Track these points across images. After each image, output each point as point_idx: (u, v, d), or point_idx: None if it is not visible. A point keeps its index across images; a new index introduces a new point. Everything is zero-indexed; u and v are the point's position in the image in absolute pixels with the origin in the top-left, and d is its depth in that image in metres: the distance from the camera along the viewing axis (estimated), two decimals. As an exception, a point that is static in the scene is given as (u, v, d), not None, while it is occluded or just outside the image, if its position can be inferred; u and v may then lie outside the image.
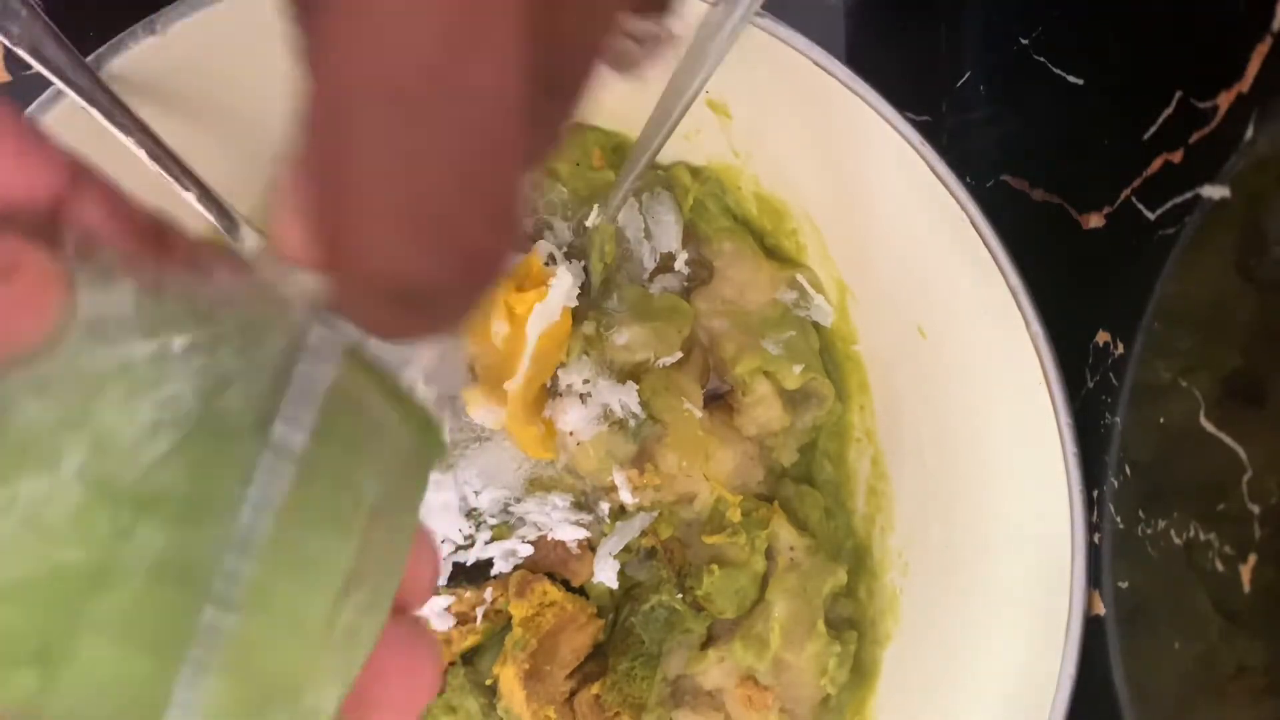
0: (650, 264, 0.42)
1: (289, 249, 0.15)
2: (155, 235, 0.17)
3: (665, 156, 0.39)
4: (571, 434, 0.40)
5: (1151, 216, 0.33)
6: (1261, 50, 0.28)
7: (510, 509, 0.41)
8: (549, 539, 0.41)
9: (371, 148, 0.14)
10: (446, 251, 0.14)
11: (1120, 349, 0.34)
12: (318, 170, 0.14)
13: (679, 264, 0.41)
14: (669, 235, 0.41)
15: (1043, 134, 0.40)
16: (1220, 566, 0.32)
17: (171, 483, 0.14)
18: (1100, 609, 0.36)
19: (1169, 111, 0.32)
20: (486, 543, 0.41)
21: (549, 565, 0.42)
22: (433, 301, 0.15)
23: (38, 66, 0.32)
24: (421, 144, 0.14)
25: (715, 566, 0.41)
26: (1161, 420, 0.34)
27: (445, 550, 0.41)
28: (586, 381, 0.40)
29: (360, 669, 0.16)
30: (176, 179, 0.34)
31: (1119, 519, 0.35)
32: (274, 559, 0.15)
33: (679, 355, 0.41)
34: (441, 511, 0.41)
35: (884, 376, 0.41)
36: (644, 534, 0.41)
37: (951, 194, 0.35)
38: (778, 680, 0.41)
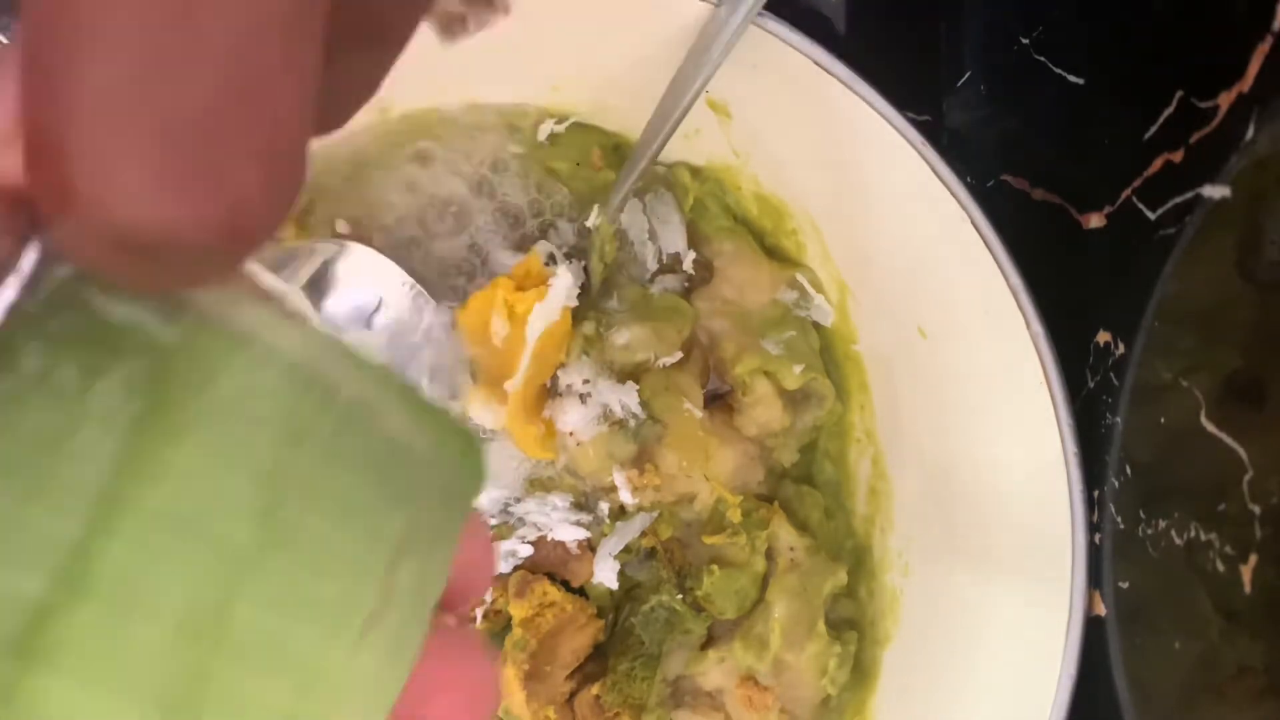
0: (653, 265, 0.42)
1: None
2: None
3: (665, 156, 0.39)
4: (571, 434, 0.40)
5: (1151, 216, 0.33)
6: (1262, 50, 0.28)
7: (510, 509, 0.41)
8: (549, 539, 0.41)
9: (110, 47, 0.11)
10: (202, 199, 0.11)
11: (1120, 349, 0.34)
12: (37, 78, 0.11)
13: (686, 264, 0.41)
14: (675, 236, 0.41)
15: (1043, 134, 0.40)
16: (1221, 567, 0.32)
17: None
18: (1100, 609, 0.36)
19: (1169, 111, 0.32)
20: (486, 543, 0.41)
21: (549, 566, 0.42)
22: (178, 259, 0.12)
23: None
24: (179, 48, 0.11)
25: (715, 567, 0.41)
26: (1162, 420, 0.34)
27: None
28: (586, 381, 0.40)
29: (389, 709, 0.15)
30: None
31: (1119, 519, 0.35)
32: (268, 600, 0.14)
33: (679, 355, 0.41)
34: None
35: (884, 376, 0.41)
36: (644, 534, 0.41)
37: (951, 194, 0.35)
38: (778, 681, 0.41)
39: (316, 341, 0.15)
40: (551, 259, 0.40)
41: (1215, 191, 0.29)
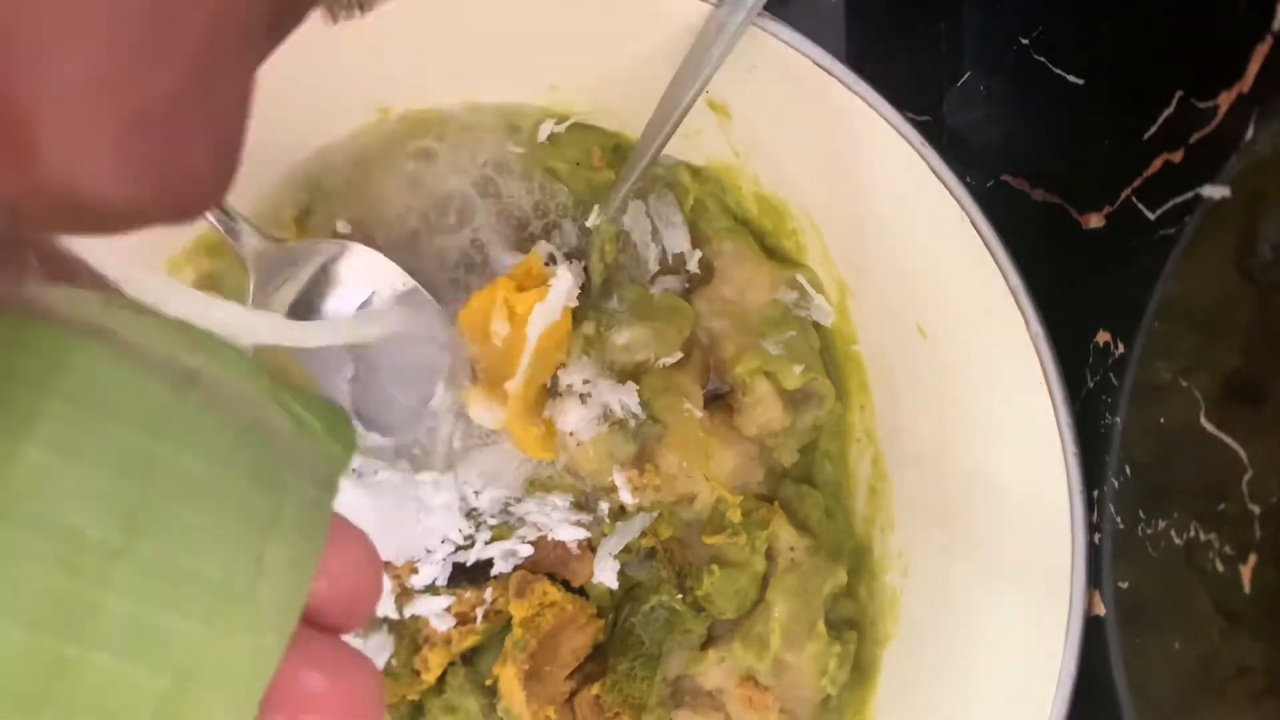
0: (655, 266, 0.42)
1: None
2: None
3: (665, 156, 0.39)
4: (571, 434, 0.40)
5: (1151, 216, 0.33)
6: (1261, 50, 0.28)
7: (510, 509, 0.41)
8: (549, 539, 0.41)
9: (89, 36, 0.11)
10: (160, 177, 0.12)
11: (1120, 349, 0.34)
12: (16, 50, 0.11)
13: (692, 264, 0.41)
14: (679, 236, 0.41)
15: (1043, 134, 0.40)
16: (1220, 567, 0.32)
17: None
18: (1100, 609, 0.36)
19: (1169, 111, 0.32)
20: (486, 543, 0.41)
21: (549, 565, 0.42)
22: (120, 222, 0.13)
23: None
24: (152, 41, 0.11)
25: (715, 567, 0.41)
26: (1161, 420, 0.34)
27: (445, 550, 0.41)
28: (586, 381, 0.40)
29: (260, 694, 0.15)
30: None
31: (1119, 519, 0.35)
32: (137, 589, 0.14)
33: (679, 355, 0.41)
34: (441, 511, 0.41)
35: (884, 376, 0.41)
36: (644, 534, 0.41)
37: (951, 194, 0.35)
38: (778, 681, 0.41)
39: (170, 330, 0.15)
40: (551, 259, 0.40)
41: (1215, 191, 0.29)
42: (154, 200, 0.12)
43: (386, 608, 0.41)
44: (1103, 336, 0.35)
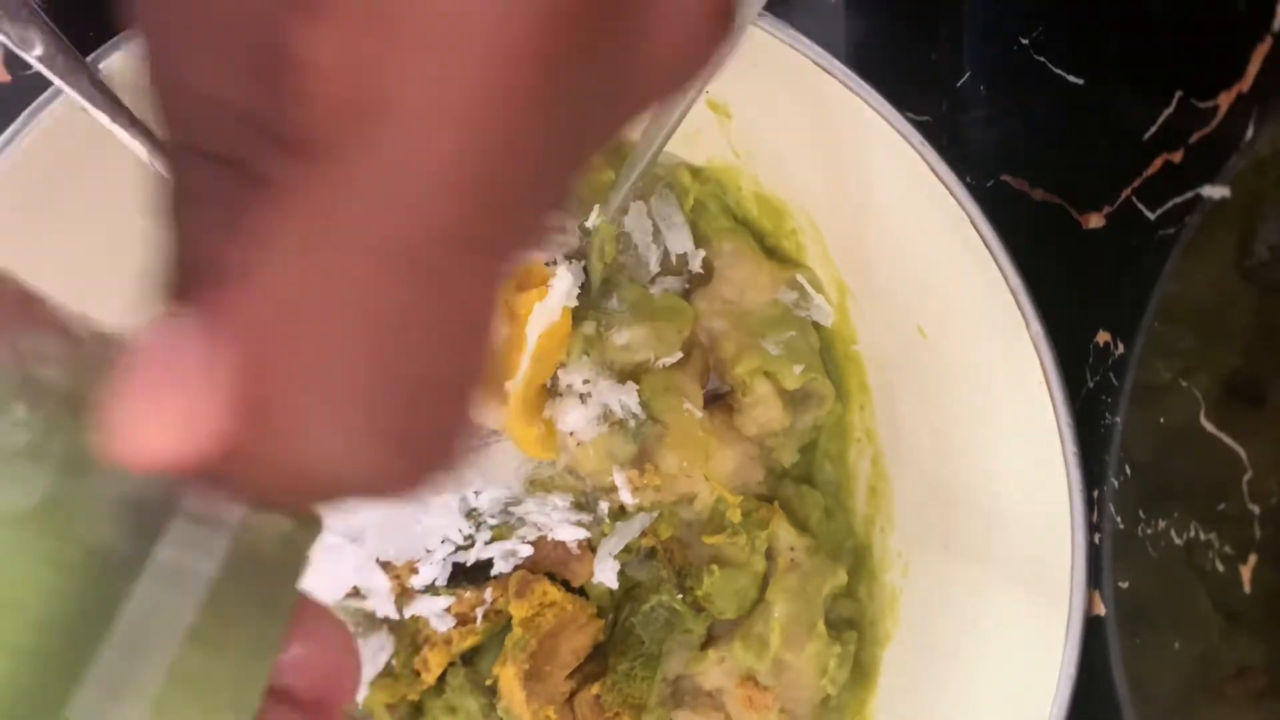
0: (655, 267, 0.42)
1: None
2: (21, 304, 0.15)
3: (665, 157, 0.39)
4: (572, 434, 0.40)
5: (1151, 216, 0.33)
6: (1261, 50, 0.28)
7: (510, 509, 0.41)
8: (549, 539, 0.41)
9: (343, 329, 0.13)
10: (412, 457, 0.14)
11: (1120, 349, 0.34)
12: (270, 329, 0.13)
13: (694, 264, 0.41)
14: (681, 237, 0.41)
15: (1043, 134, 0.40)
16: (1220, 567, 0.32)
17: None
18: (1100, 609, 0.36)
19: (1169, 111, 0.32)
20: (486, 543, 0.41)
21: (549, 565, 0.42)
22: (345, 491, 0.14)
23: (38, 66, 0.32)
24: (405, 332, 0.13)
25: (715, 567, 0.41)
26: (1161, 420, 0.34)
27: (445, 550, 0.41)
28: (586, 382, 0.40)
29: None
30: (176, 179, 0.34)
31: (1119, 519, 0.35)
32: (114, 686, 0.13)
33: (679, 355, 0.41)
34: (441, 511, 0.41)
35: (884, 376, 0.41)
36: (644, 534, 0.41)
37: (951, 194, 0.35)
38: (778, 680, 0.41)
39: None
40: (552, 259, 0.40)
41: (1215, 191, 0.29)
42: (399, 481, 0.14)
43: (386, 608, 0.41)
44: (1103, 336, 0.35)
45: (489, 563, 0.41)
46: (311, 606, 0.17)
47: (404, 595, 0.41)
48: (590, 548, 0.42)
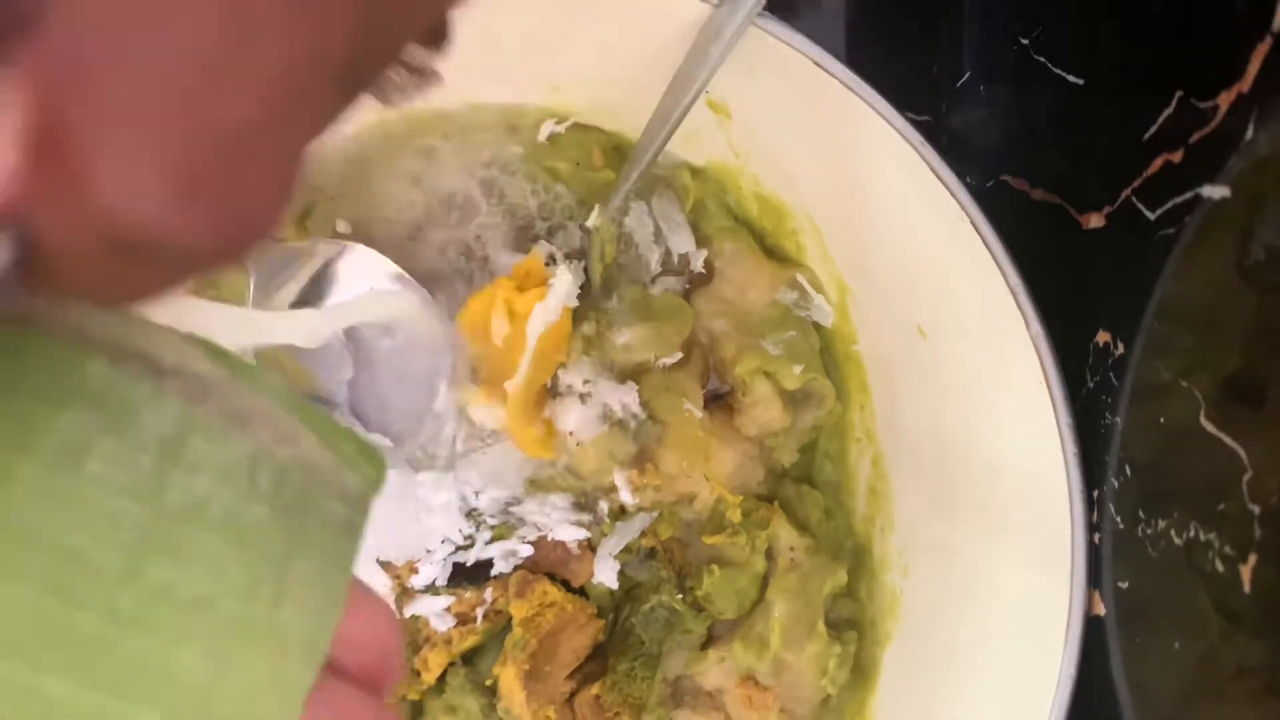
0: (656, 268, 0.42)
1: None
2: None
3: (665, 157, 0.39)
4: (572, 434, 0.40)
5: (1151, 216, 0.33)
6: (1261, 50, 0.28)
7: (510, 509, 0.41)
8: (549, 539, 0.41)
9: (162, 61, 0.11)
10: (213, 212, 0.12)
11: (1120, 349, 0.34)
12: (75, 74, 0.12)
13: (697, 264, 0.41)
14: (683, 237, 0.41)
15: (1043, 134, 0.40)
16: (1220, 566, 0.32)
17: None
18: (1100, 609, 0.36)
19: (1169, 111, 0.32)
20: (486, 543, 0.41)
21: (549, 565, 0.42)
22: (166, 263, 0.13)
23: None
24: (227, 74, 0.12)
25: (715, 567, 0.41)
26: (1161, 420, 0.34)
27: (445, 550, 0.41)
28: (587, 382, 0.40)
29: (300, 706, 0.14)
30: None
31: (1119, 519, 0.35)
32: (136, 613, 0.13)
33: (679, 355, 0.41)
34: (441, 511, 0.41)
35: (884, 376, 0.41)
36: (644, 534, 0.41)
37: (951, 194, 0.35)
38: (778, 680, 0.41)
39: (183, 342, 0.15)
40: (551, 259, 0.40)
41: (1215, 191, 0.29)
42: (205, 234, 0.12)
43: (386, 608, 0.41)
44: (1103, 336, 0.35)
45: (489, 563, 0.41)
46: (359, 584, 0.17)
47: (404, 595, 0.41)
48: (590, 548, 0.42)
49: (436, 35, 0.17)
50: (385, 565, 0.41)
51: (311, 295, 0.39)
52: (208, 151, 0.12)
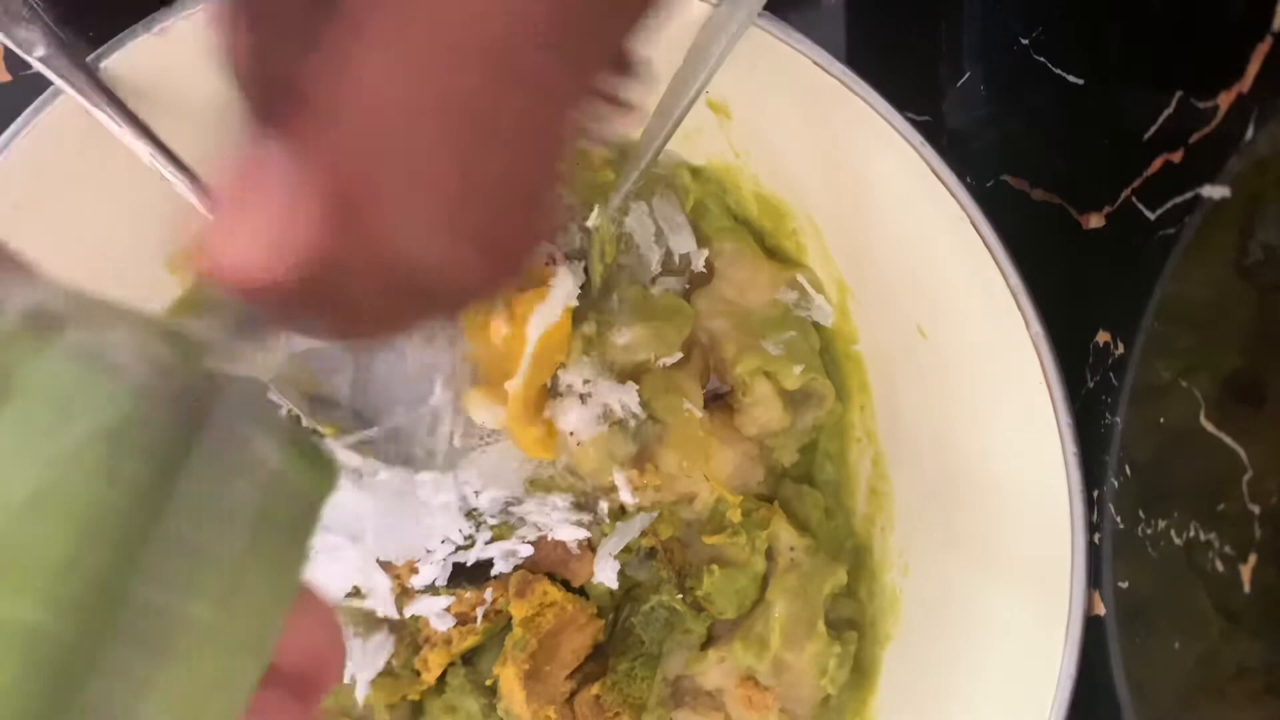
0: (657, 268, 0.42)
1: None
2: None
3: (665, 157, 0.39)
4: (572, 434, 0.40)
5: (1151, 216, 0.33)
6: (1261, 50, 0.28)
7: (510, 509, 0.41)
8: (549, 539, 0.41)
9: (426, 129, 0.13)
10: (486, 250, 0.14)
11: (1120, 349, 0.34)
12: (355, 140, 0.13)
13: (698, 264, 0.41)
14: (684, 237, 0.41)
15: (1043, 134, 0.40)
16: (1220, 567, 0.32)
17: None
18: (1100, 609, 0.36)
19: (1169, 111, 0.32)
20: (486, 543, 0.41)
21: (549, 565, 0.42)
22: (443, 299, 0.15)
23: (38, 66, 0.32)
24: (484, 132, 0.13)
25: (715, 567, 0.41)
26: (1161, 420, 0.34)
27: (445, 550, 0.41)
28: (587, 382, 0.40)
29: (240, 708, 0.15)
30: (176, 179, 0.34)
31: (1119, 519, 0.35)
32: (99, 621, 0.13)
33: (679, 355, 0.41)
34: (441, 511, 0.41)
35: (884, 376, 0.41)
36: (644, 534, 0.41)
37: (951, 194, 0.35)
38: (778, 680, 0.41)
39: (137, 331, 0.15)
40: (551, 259, 0.40)
41: (1215, 191, 0.29)
42: (480, 273, 0.14)
43: (386, 608, 0.41)
44: (1103, 336, 0.35)
45: (489, 563, 0.41)
46: (303, 587, 0.17)
47: (404, 595, 0.41)
48: (590, 548, 0.42)
49: (625, 64, 0.19)
50: (385, 565, 0.41)
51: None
52: (480, 201, 0.14)
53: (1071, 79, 0.38)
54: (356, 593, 0.41)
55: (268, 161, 0.13)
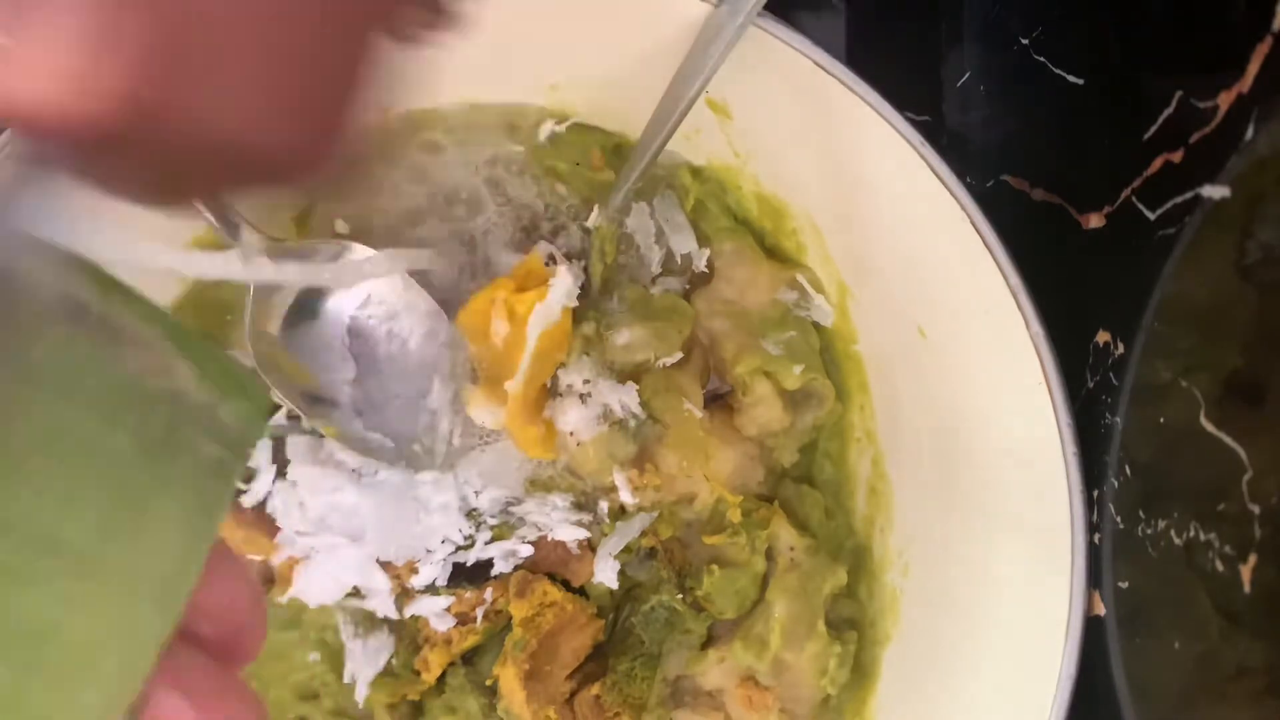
0: (657, 268, 0.42)
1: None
2: None
3: (666, 157, 0.39)
4: (572, 434, 0.40)
5: (1151, 216, 0.33)
6: (1261, 50, 0.28)
7: (510, 509, 0.41)
8: (549, 539, 0.41)
9: None
10: (299, 118, 0.15)
11: (1120, 349, 0.34)
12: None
13: (700, 264, 0.41)
14: (685, 237, 0.41)
15: (1043, 134, 0.40)
16: (1220, 566, 0.32)
17: None
18: (1100, 609, 0.36)
19: (1169, 111, 0.32)
20: (486, 543, 0.41)
21: (549, 565, 0.42)
22: (250, 167, 0.15)
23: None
24: (299, 20, 0.14)
25: (715, 567, 0.41)
26: (1161, 420, 0.34)
27: (445, 550, 0.41)
28: (587, 381, 0.40)
29: (132, 693, 0.13)
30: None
31: (1119, 519, 0.35)
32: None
33: (679, 355, 0.41)
34: (441, 511, 0.41)
35: (884, 376, 0.41)
36: (644, 534, 0.41)
37: (951, 194, 0.35)
38: (778, 680, 0.41)
39: (65, 265, 0.14)
40: (551, 259, 0.40)
41: (1215, 191, 0.29)
42: (292, 143, 0.14)
43: (386, 608, 0.41)
44: (1103, 336, 0.35)
45: (489, 563, 0.41)
46: (225, 552, 0.16)
47: (404, 595, 0.41)
48: (590, 548, 0.42)
49: None
50: (385, 565, 0.41)
51: (311, 295, 0.39)
52: (293, 64, 0.14)
53: (1071, 79, 0.38)
54: (356, 593, 0.41)
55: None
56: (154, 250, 0.15)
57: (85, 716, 0.13)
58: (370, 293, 0.40)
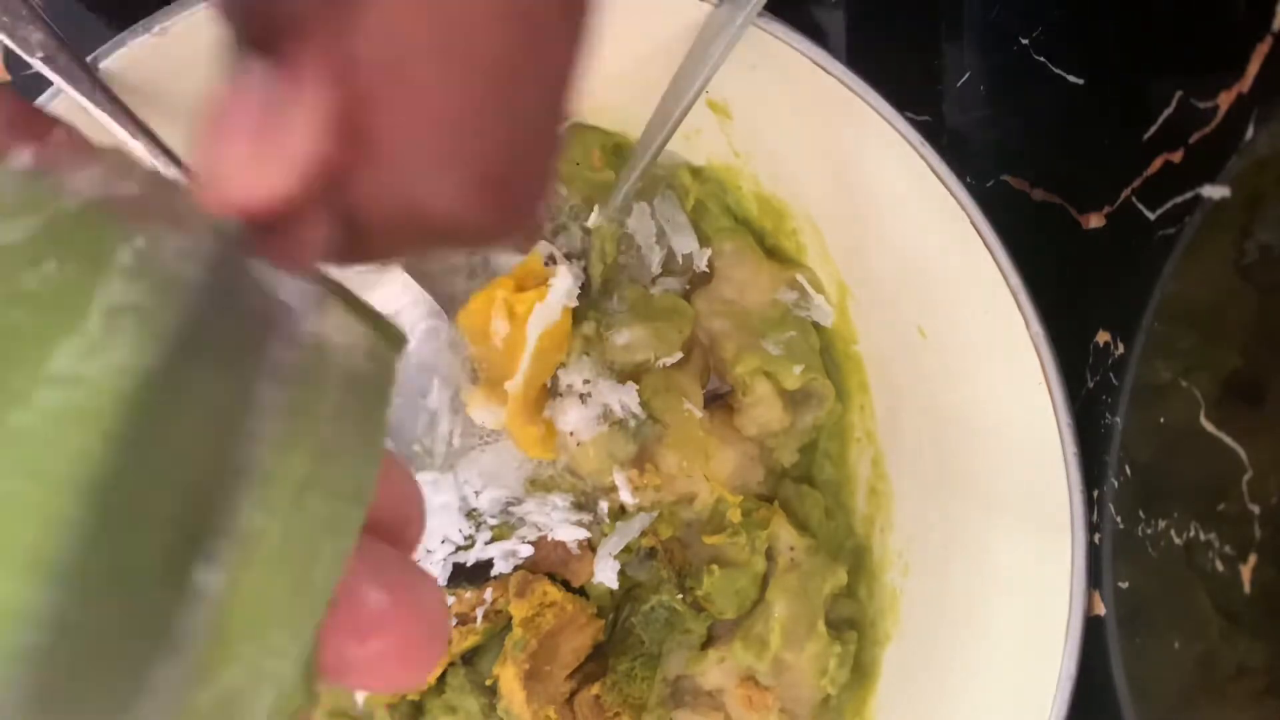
0: (657, 269, 0.42)
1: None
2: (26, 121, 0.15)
3: (665, 157, 0.39)
4: (572, 434, 0.40)
5: (1151, 216, 0.33)
6: (1261, 50, 0.28)
7: (510, 509, 0.41)
8: (549, 539, 0.41)
9: (453, 66, 0.13)
10: (503, 195, 0.15)
11: (1120, 349, 0.34)
12: (376, 63, 0.13)
13: (701, 264, 0.41)
14: (686, 237, 0.41)
15: (1043, 134, 0.40)
16: (1220, 566, 0.32)
17: None
18: (1100, 609, 0.36)
19: (1169, 111, 0.32)
20: (486, 543, 0.41)
21: (549, 565, 0.42)
22: (454, 238, 0.15)
23: (38, 66, 0.32)
24: (512, 73, 0.14)
25: (715, 567, 0.41)
26: (1161, 420, 0.34)
27: (445, 550, 0.41)
28: (587, 381, 0.40)
29: (324, 608, 0.14)
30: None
31: (1119, 519, 0.35)
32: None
33: (679, 355, 0.41)
34: (441, 511, 0.41)
35: (884, 376, 0.41)
36: (644, 534, 0.41)
37: (951, 194, 0.35)
38: (778, 680, 0.41)
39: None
40: (551, 259, 0.40)
41: (1215, 191, 0.29)
42: (493, 218, 0.15)
43: (386, 608, 0.41)
44: (1103, 336, 0.35)
45: (489, 563, 0.41)
46: (385, 453, 0.17)
47: (404, 595, 0.41)
48: (590, 548, 0.42)
49: None
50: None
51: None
52: (502, 145, 0.14)
53: (1071, 79, 0.38)
54: (356, 593, 0.41)
55: (270, 85, 0.13)
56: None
57: (318, 599, 0.14)
58: (370, 292, 0.40)
